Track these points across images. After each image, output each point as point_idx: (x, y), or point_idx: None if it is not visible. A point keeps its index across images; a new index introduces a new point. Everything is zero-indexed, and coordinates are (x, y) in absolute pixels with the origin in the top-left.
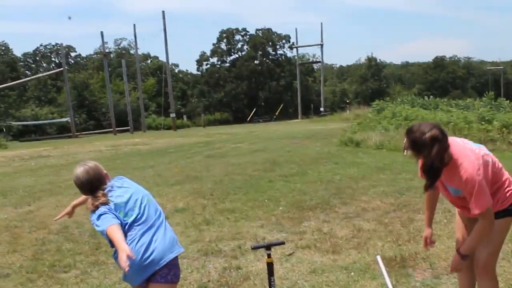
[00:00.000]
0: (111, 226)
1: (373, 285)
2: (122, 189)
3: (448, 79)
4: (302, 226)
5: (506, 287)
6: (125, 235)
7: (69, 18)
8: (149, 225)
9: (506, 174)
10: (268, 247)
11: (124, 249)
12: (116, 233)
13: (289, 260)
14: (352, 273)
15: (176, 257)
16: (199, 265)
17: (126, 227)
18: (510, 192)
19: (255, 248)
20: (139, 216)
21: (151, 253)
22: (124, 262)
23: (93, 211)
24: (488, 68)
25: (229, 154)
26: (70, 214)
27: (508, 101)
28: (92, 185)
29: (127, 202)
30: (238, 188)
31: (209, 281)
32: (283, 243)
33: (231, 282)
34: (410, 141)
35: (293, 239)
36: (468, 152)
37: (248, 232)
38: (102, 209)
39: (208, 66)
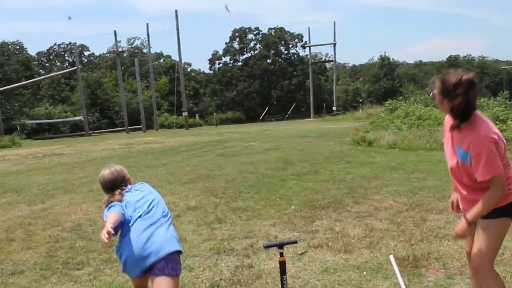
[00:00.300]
0: (112, 213)
1: (386, 285)
2: (138, 191)
3: None
4: (314, 225)
5: None
6: (130, 228)
7: (69, 18)
8: (153, 221)
9: (511, 172)
10: (280, 246)
11: (107, 227)
12: (110, 217)
13: (301, 259)
14: (365, 273)
15: (176, 252)
16: (211, 263)
17: (132, 221)
18: (509, 192)
19: (267, 247)
20: (145, 212)
21: (151, 245)
22: (102, 236)
23: (106, 206)
24: (503, 67)
25: (241, 152)
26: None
27: None
28: (114, 185)
29: (138, 201)
30: (251, 186)
31: (221, 279)
32: (295, 242)
33: (243, 281)
34: (443, 83)
35: (305, 238)
36: (489, 121)
37: (260, 231)
38: (114, 203)
39: (221, 65)
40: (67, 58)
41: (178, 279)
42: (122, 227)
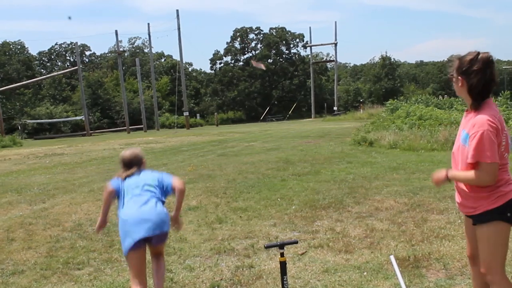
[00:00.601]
0: (106, 191)
1: (386, 285)
2: (147, 173)
3: None
4: (315, 225)
5: None
6: (129, 201)
7: (69, 18)
8: (145, 199)
9: (507, 174)
10: (281, 246)
11: (99, 222)
12: (104, 204)
13: (302, 259)
14: (365, 273)
15: (167, 231)
16: (212, 263)
17: (128, 196)
18: (501, 193)
19: (268, 247)
20: (140, 191)
21: (148, 218)
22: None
23: (121, 179)
24: (504, 67)
25: (242, 152)
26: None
27: None
28: (131, 163)
29: (139, 180)
30: (251, 186)
31: (221, 279)
32: (296, 242)
33: (243, 281)
34: (460, 60)
35: (305, 238)
36: (497, 111)
37: (261, 231)
38: (114, 179)
39: (222, 64)
40: (68, 57)
41: None
42: (120, 199)
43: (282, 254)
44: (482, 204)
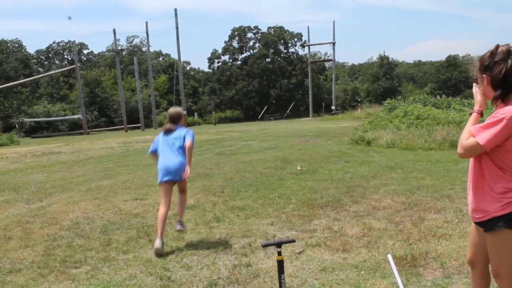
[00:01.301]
0: (151, 153)
1: (384, 284)
2: (178, 131)
3: (460, 78)
4: (312, 224)
5: None
6: (161, 152)
7: (69, 18)
8: (171, 152)
9: None
10: (278, 244)
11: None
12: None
13: (299, 258)
14: (362, 272)
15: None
16: (209, 262)
17: (164, 147)
18: (510, 200)
19: (265, 246)
20: (169, 144)
21: (172, 166)
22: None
23: (163, 131)
24: None
25: (240, 151)
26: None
27: None
28: (174, 119)
29: (171, 137)
30: (249, 185)
31: (219, 278)
32: (293, 241)
33: (241, 279)
34: (480, 59)
35: (303, 237)
36: None
37: (258, 230)
38: (160, 134)
39: (220, 63)
40: (66, 56)
41: None
42: (158, 148)
43: (279, 253)
44: (491, 209)
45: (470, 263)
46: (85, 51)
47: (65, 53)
